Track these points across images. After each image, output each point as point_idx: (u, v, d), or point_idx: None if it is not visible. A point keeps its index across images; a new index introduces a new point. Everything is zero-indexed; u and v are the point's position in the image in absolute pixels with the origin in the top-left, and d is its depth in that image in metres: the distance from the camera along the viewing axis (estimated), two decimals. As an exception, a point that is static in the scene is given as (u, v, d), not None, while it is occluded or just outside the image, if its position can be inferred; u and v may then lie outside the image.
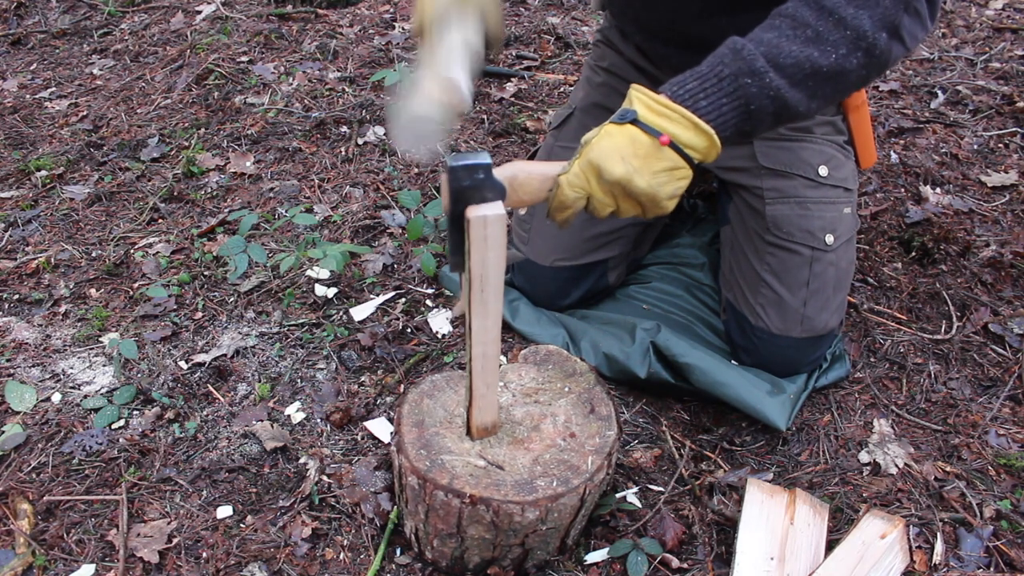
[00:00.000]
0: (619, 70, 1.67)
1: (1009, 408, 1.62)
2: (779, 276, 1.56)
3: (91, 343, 1.78)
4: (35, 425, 1.58)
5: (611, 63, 1.68)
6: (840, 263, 1.57)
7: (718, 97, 1.05)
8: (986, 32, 3.04)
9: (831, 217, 1.55)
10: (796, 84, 1.06)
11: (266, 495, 1.45)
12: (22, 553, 1.34)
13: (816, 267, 1.55)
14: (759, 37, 1.07)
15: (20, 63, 3.07)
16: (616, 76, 1.67)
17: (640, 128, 1.04)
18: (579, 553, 1.35)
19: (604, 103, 1.68)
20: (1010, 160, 2.34)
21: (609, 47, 1.70)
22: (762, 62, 1.04)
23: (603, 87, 1.70)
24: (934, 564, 1.32)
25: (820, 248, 1.54)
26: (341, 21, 3.19)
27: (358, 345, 1.74)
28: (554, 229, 1.73)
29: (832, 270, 1.56)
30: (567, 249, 1.73)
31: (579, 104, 1.73)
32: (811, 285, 1.55)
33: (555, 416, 1.32)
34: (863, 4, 1.06)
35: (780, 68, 1.05)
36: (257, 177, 2.31)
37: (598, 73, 1.71)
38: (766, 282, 1.57)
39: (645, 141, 1.04)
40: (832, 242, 1.55)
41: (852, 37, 1.06)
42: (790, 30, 1.06)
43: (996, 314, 1.80)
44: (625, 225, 1.75)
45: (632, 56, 1.65)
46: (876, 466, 1.50)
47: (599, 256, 1.75)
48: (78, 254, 2.05)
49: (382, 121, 2.53)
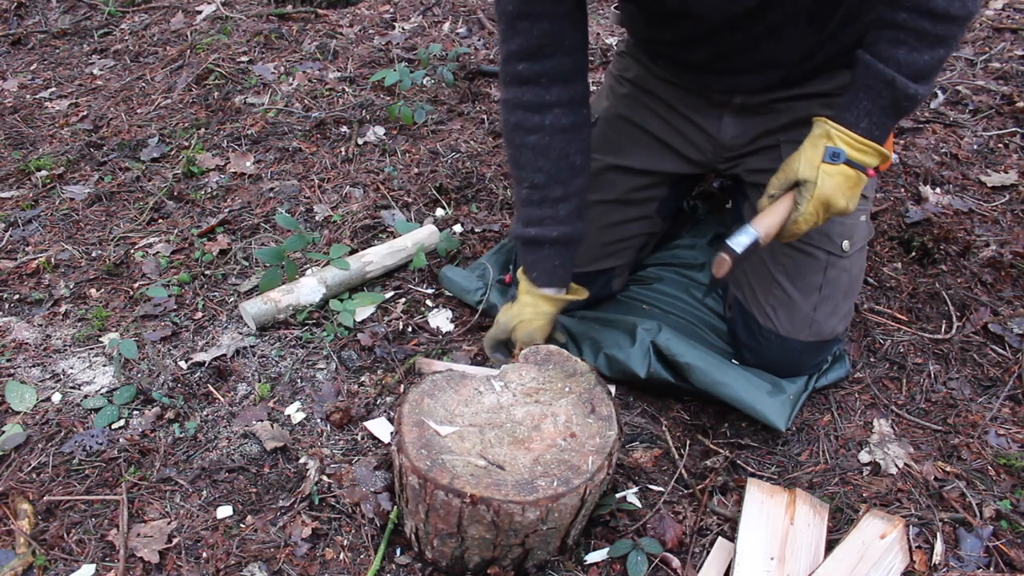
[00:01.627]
0: (644, 82, 1.67)
1: (1009, 408, 1.62)
2: (792, 279, 1.56)
3: (91, 343, 1.78)
4: (35, 425, 1.58)
5: (636, 75, 1.68)
6: (852, 270, 1.58)
7: (888, 123, 1.30)
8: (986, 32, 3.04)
9: (849, 223, 1.55)
10: (930, 82, 1.28)
11: (266, 495, 1.45)
12: (22, 553, 1.34)
13: (830, 272, 1.55)
14: (895, 57, 1.24)
15: (20, 63, 3.07)
16: (641, 88, 1.68)
17: (851, 167, 1.28)
18: (579, 553, 1.35)
19: (628, 115, 1.69)
20: (1010, 160, 2.34)
21: (634, 59, 1.70)
22: (912, 87, 1.24)
23: (627, 99, 1.70)
24: (934, 564, 1.32)
25: (836, 253, 1.55)
26: (341, 21, 3.19)
27: (358, 345, 1.74)
28: None
29: (845, 276, 1.57)
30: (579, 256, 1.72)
31: (603, 114, 1.72)
32: (823, 290, 1.55)
33: (556, 416, 1.32)
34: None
35: (922, 79, 1.25)
36: (257, 177, 2.32)
37: (623, 84, 1.71)
38: (779, 283, 1.57)
39: (854, 176, 1.29)
40: (848, 248, 1.55)
41: (961, 22, 1.22)
42: (916, 41, 1.22)
43: (996, 314, 1.80)
44: (635, 235, 1.75)
45: (658, 71, 1.65)
46: (876, 466, 1.50)
47: (607, 264, 1.75)
48: (78, 254, 2.05)
49: (382, 121, 2.53)
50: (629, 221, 1.73)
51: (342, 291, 1.87)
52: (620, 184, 1.70)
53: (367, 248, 1.97)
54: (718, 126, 1.61)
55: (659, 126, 1.66)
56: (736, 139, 1.61)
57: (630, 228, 1.74)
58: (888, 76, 1.24)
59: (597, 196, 1.69)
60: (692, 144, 1.66)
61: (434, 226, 2.02)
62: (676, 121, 1.65)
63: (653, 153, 1.69)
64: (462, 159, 2.34)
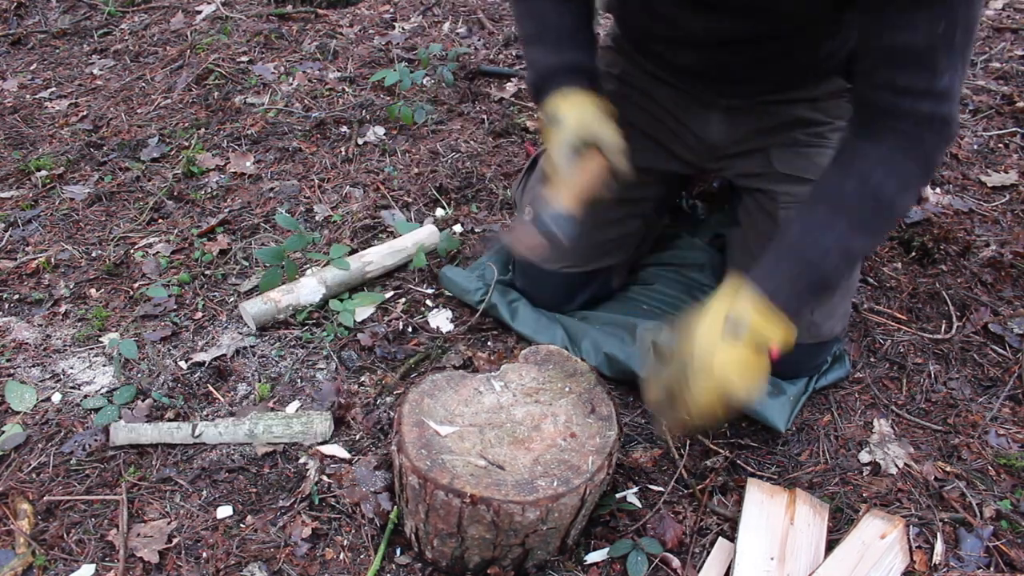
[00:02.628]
0: (632, 78, 1.65)
1: (1009, 408, 1.62)
2: None
3: (91, 343, 1.78)
4: (35, 425, 1.58)
5: (623, 70, 1.66)
6: None
7: (805, 299, 1.18)
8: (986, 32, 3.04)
9: None
10: (855, 268, 1.26)
11: (266, 495, 1.45)
12: (22, 553, 1.34)
13: None
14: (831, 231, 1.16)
15: (20, 63, 3.07)
16: (629, 85, 1.65)
17: (753, 348, 1.14)
18: (579, 553, 1.35)
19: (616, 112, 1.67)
20: (1010, 160, 2.34)
21: (620, 53, 1.68)
22: (837, 270, 1.17)
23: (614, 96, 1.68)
24: (934, 564, 1.32)
25: None
26: (341, 21, 3.19)
27: (358, 345, 1.74)
28: None
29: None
30: (574, 256, 1.71)
31: None
32: None
33: (556, 416, 1.32)
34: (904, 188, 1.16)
35: (853, 261, 1.20)
36: (257, 177, 2.31)
37: (610, 80, 1.69)
38: None
39: (755, 359, 1.14)
40: None
41: (898, 217, 1.21)
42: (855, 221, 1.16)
43: (996, 314, 1.80)
44: (631, 232, 1.75)
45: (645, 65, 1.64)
46: (876, 466, 1.50)
47: (606, 262, 1.75)
48: (78, 254, 2.05)
49: (382, 121, 2.53)
50: (624, 219, 1.73)
51: (342, 291, 1.87)
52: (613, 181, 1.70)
53: (367, 248, 1.97)
54: (706, 125, 1.60)
55: (648, 123, 1.65)
56: (724, 138, 1.60)
57: (626, 226, 1.74)
58: (814, 255, 1.16)
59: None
60: (681, 142, 1.65)
61: (434, 226, 2.02)
62: (664, 118, 1.64)
63: (644, 150, 1.67)
64: (462, 159, 2.34)
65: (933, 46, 1.07)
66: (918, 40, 1.08)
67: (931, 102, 1.12)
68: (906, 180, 1.16)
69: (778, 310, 1.14)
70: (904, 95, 1.12)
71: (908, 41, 1.08)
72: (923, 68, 1.09)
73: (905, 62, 1.10)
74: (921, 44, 1.08)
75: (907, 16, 1.07)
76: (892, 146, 1.15)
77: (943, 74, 1.09)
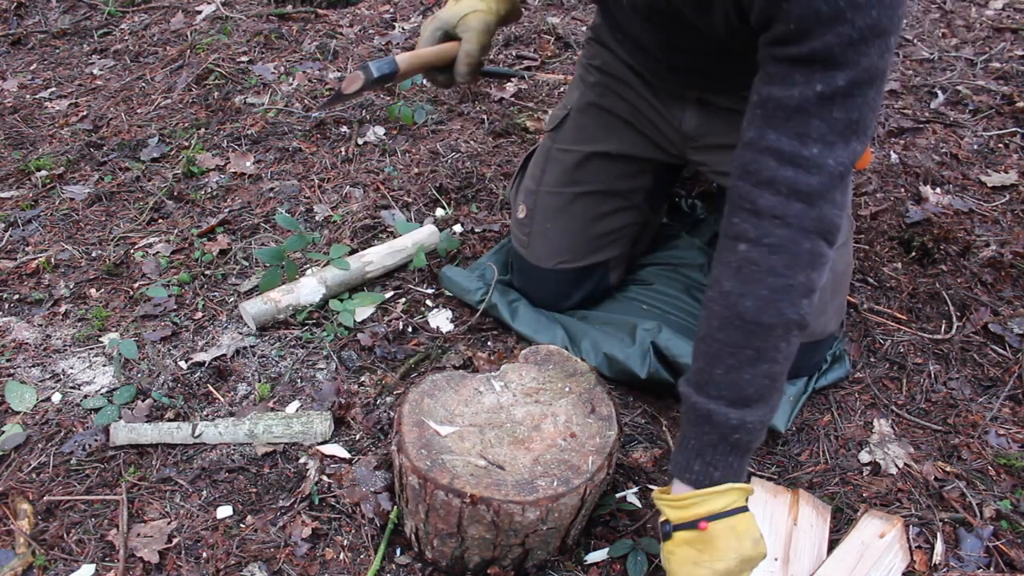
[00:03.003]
0: (612, 69, 1.67)
1: (1009, 408, 1.62)
2: None
3: (91, 343, 1.78)
4: (35, 425, 1.58)
5: (604, 61, 1.68)
6: (838, 266, 1.57)
7: (731, 460, 1.09)
8: (986, 32, 3.04)
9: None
10: (764, 405, 1.08)
11: (266, 495, 1.45)
12: (22, 553, 1.34)
13: None
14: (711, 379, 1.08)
15: (20, 63, 3.07)
16: (609, 75, 1.67)
17: (682, 532, 1.08)
18: (579, 553, 1.35)
19: (599, 102, 1.68)
20: (1010, 160, 2.34)
21: (601, 45, 1.69)
22: (735, 415, 1.06)
23: (597, 86, 1.70)
24: (934, 564, 1.32)
25: None
26: (341, 21, 3.19)
27: (358, 345, 1.74)
28: (555, 231, 1.73)
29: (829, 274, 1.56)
30: (569, 251, 1.72)
31: (574, 104, 1.72)
32: None
33: (556, 416, 1.32)
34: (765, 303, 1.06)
35: (746, 403, 1.07)
36: (257, 177, 2.31)
37: (591, 72, 1.71)
38: None
39: (693, 538, 1.07)
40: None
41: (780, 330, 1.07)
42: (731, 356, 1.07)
43: (996, 314, 1.80)
44: (625, 225, 1.75)
45: (624, 55, 1.64)
46: (876, 466, 1.50)
47: (601, 257, 1.75)
48: (78, 254, 2.05)
49: (382, 121, 2.53)
50: (617, 211, 1.73)
51: (342, 291, 1.87)
52: (603, 173, 1.70)
53: (367, 248, 1.97)
54: (681, 115, 1.61)
55: (629, 111, 1.66)
56: (699, 129, 1.60)
57: (619, 219, 1.74)
58: (703, 409, 1.08)
59: (582, 188, 1.69)
60: (659, 131, 1.66)
61: (434, 226, 2.02)
62: (643, 107, 1.65)
63: (628, 138, 1.69)
64: (462, 159, 2.34)
65: (805, 109, 1.00)
66: (792, 96, 1.00)
67: (796, 170, 1.01)
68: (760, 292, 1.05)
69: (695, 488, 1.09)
70: (768, 154, 1.03)
71: (781, 95, 1.01)
72: (791, 128, 1.01)
73: (775, 116, 1.02)
74: (792, 102, 1.00)
75: (785, 68, 1.01)
76: (750, 242, 1.05)
77: (813, 143, 1.00)
